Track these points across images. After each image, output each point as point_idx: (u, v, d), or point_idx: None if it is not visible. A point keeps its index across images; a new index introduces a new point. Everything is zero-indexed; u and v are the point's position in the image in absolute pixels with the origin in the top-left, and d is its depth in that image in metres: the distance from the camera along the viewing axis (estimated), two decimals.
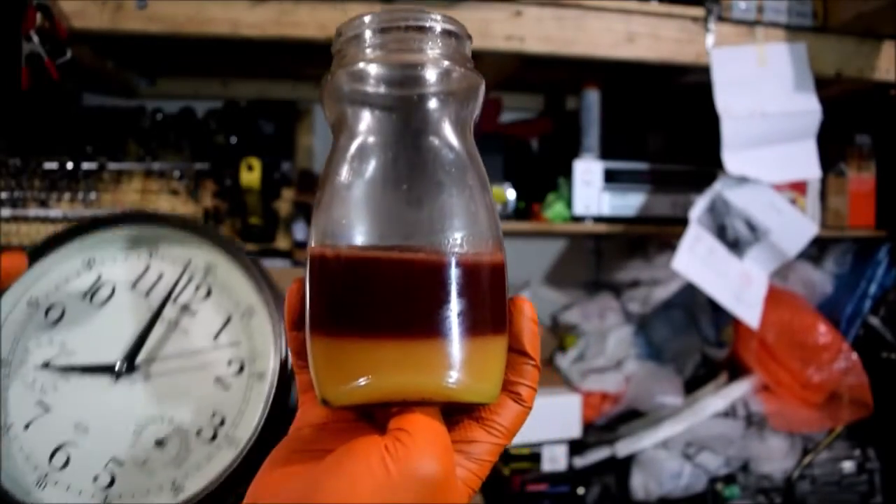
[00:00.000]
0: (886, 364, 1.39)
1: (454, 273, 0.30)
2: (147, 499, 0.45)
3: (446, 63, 0.32)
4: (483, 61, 1.22)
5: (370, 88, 0.32)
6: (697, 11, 1.17)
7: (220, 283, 0.49)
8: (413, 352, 0.29)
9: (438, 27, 0.32)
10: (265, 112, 1.45)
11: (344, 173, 0.32)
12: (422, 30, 0.32)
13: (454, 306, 0.30)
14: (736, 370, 1.42)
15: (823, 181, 1.40)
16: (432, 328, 0.30)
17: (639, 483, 1.32)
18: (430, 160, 0.32)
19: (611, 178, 1.33)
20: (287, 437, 0.34)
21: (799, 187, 1.35)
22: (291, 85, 1.54)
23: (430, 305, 0.30)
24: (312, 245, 0.32)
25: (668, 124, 1.49)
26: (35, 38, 0.93)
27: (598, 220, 1.33)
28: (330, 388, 0.30)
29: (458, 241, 0.31)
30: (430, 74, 0.32)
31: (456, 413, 0.32)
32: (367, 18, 0.32)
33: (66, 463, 0.45)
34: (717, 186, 1.22)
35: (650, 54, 1.16)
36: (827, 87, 1.24)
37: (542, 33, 1.11)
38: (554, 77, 1.44)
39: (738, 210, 1.22)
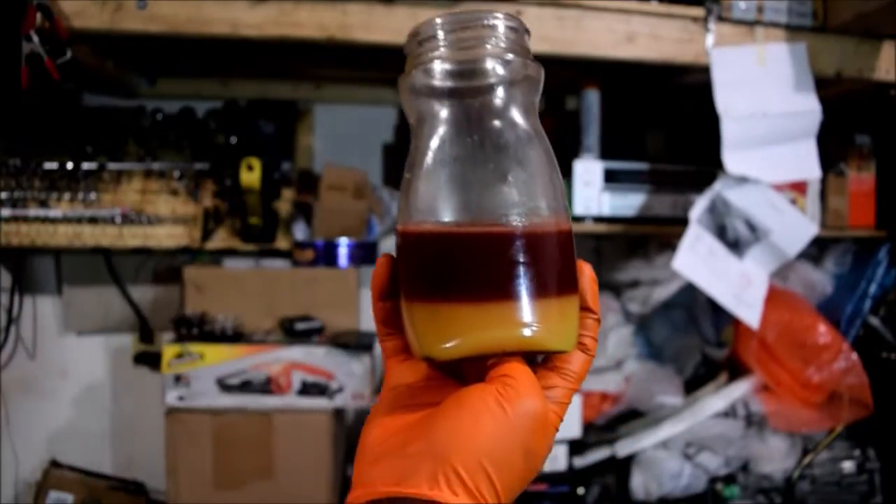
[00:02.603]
0: (886, 364, 1.39)
1: (535, 241, 0.35)
2: None
3: (510, 55, 0.36)
4: None
5: (446, 82, 0.36)
6: (697, 11, 1.17)
7: None
8: (506, 310, 0.34)
9: (501, 24, 0.36)
10: (265, 112, 1.45)
11: (429, 159, 0.36)
12: (488, 27, 0.36)
13: (537, 270, 0.35)
14: (736, 370, 1.42)
15: (823, 181, 1.40)
16: (521, 289, 0.34)
17: (639, 483, 1.32)
18: (502, 141, 0.36)
19: (611, 178, 1.33)
20: (382, 396, 0.38)
21: (799, 187, 1.35)
22: (291, 85, 1.54)
23: (518, 270, 0.34)
24: (406, 223, 0.36)
25: (667, 124, 1.49)
26: (35, 38, 0.93)
27: (598, 220, 1.33)
28: (434, 346, 0.35)
29: (535, 213, 0.35)
30: (498, 66, 0.36)
31: (533, 364, 0.37)
32: (439, 21, 0.36)
33: None
34: (717, 186, 1.22)
35: (650, 54, 1.16)
36: (827, 87, 1.24)
37: (542, 33, 1.11)
38: (554, 77, 1.43)
39: (738, 210, 1.22)
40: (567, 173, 1.33)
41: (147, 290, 1.53)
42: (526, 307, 0.34)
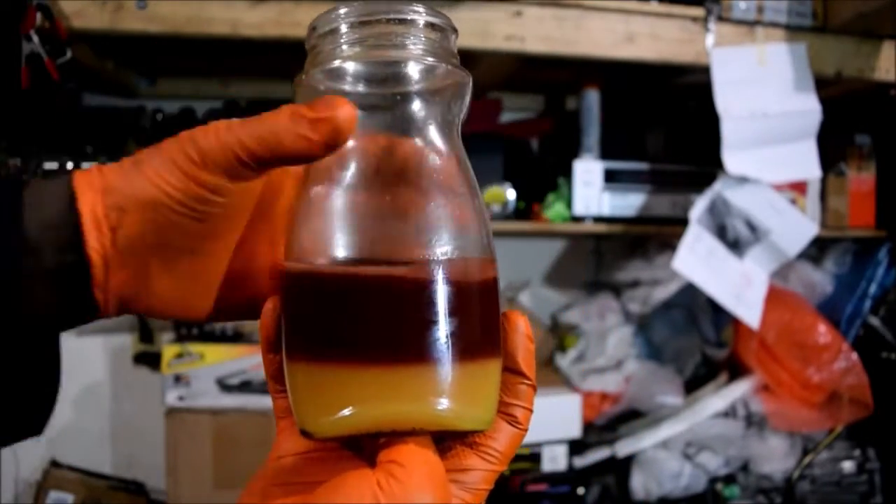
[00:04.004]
0: (886, 364, 1.38)
1: (443, 291, 0.28)
2: None
3: (430, 59, 0.30)
4: (483, 61, 1.22)
5: (347, 88, 0.30)
6: (697, 11, 1.17)
7: None
8: (401, 378, 0.27)
9: (421, 20, 0.30)
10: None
11: (320, 185, 0.30)
12: (403, 23, 0.29)
13: (445, 327, 0.28)
14: (736, 370, 1.42)
15: (823, 181, 1.40)
16: (421, 352, 0.28)
17: (639, 483, 1.32)
18: (415, 166, 0.30)
19: (611, 178, 1.33)
20: (264, 467, 0.31)
21: (799, 187, 1.35)
22: (291, 85, 1.54)
23: (418, 327, 0.28)
24: (287, 261, 0.30)
25: (667, 124, 1.49)
26: (35, 38, 0.93)
27: (598, 220, 1.33)
28: (312, 419, 0.28)
29: (447, 255, 0.28)
30: (413, 71, 0.30)
31: (447, 439, 0.30)
32: (342, 11, 0.30)
33: None
34: (717, 186, 1.22)
35: (650, 54, 1.16)
36: (827, 87, 1.24)
37: (542, 33, 1.11)
38: (554, 77, 1.44)
39: (738, 210, 1.22)
40: (567, 173, 1.33)
41: None
42: (425, 374, 0.27)
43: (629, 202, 1.34)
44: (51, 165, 1.34)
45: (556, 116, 1.59)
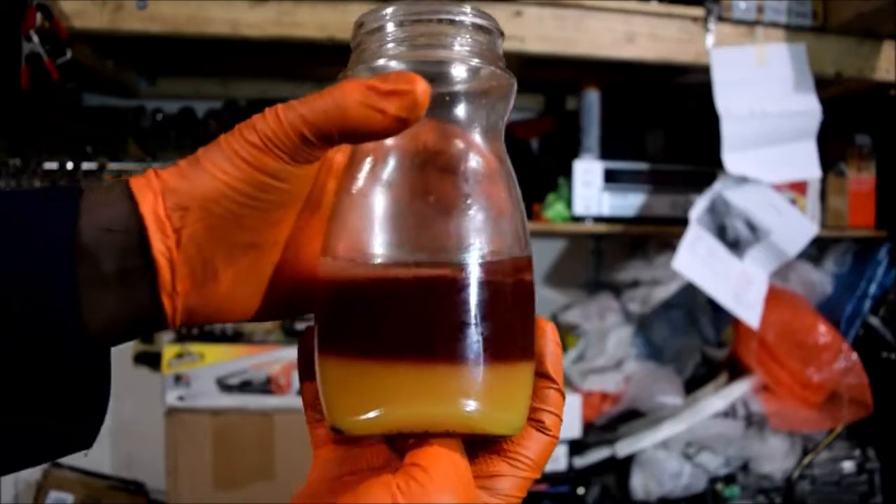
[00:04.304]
0: (886, 364, 1.39)
1: (480, 293, 0.28)
2: None
3: (476, 60, 0.30)
4: None
5: None
6: (697, 11, 1.17)
7: None
8: (433, 379, 0.27)
9: (468, 21, 0.30)
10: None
11: (361, 182, 0.30)
12: (451, 24, 0.29)
13: (479, 329, 0.28)
14: (736, 370, 1.42)
15: (823, 181, 1.40)
16: (455, 353, 0.27)
17: (639, 483, 1.32)
18: (457, 168, 0.29)
19: (611, 178, 1.33)
20: (300, 493, 0.31)
21: (799, 187, 1.35)
22: (291, 85, 1.54)
23: (452, 328, 0.27)
24: (324, 259, 0.30)
25: (667, 124, 1.49)
26: (35, 38, 0.93)
27: (598, 220, 1.33)
28: (341, 416, 0.28)
29: (486, 258, 0.28)
30: (459, 72, 0.29)
31: (477, 445, 0.30)
32: (390, 10, 0.30)
33: None
34: (717, 186, 1.22)
35: (650, 54, 1.16)
36: (827, 87, 1.24)
37: (542, 33, 1.11)
38: (554, 77, 1.44)
39: (738, 210, 1.22)
40: (567, 173, 1.33)
41: None
42: (458, 376, 0.27)
43: (629, 202, 1.34)
44: (51, 165, 1.34)
45: (556, 116, 1.59)
